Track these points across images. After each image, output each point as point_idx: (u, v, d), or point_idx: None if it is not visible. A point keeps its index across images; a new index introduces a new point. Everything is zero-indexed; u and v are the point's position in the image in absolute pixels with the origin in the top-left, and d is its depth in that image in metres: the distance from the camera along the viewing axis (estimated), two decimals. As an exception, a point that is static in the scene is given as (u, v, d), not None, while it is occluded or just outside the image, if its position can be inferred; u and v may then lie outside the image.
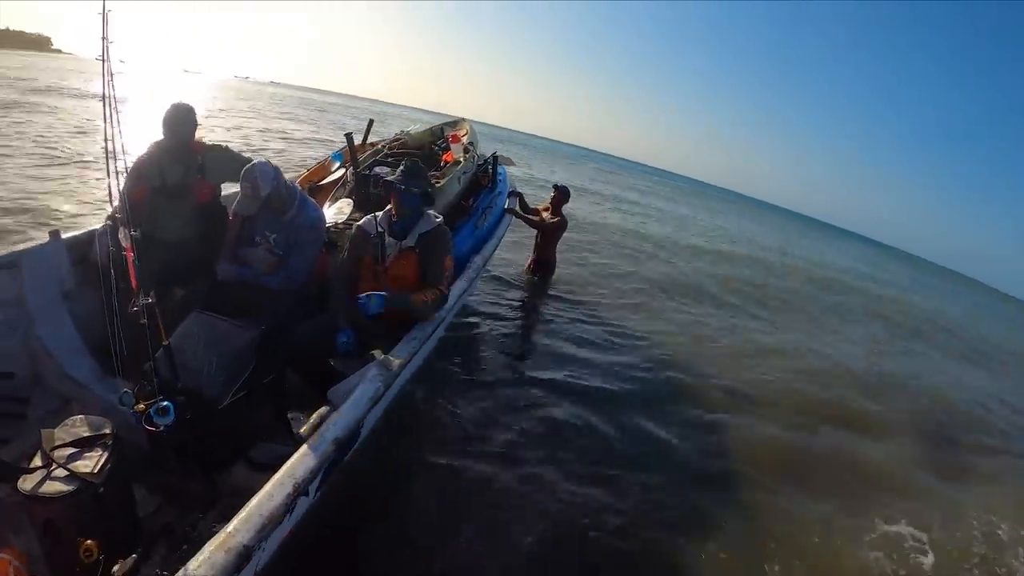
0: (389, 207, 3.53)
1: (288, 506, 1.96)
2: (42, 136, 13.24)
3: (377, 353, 2.96)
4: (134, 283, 2.50)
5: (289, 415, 3.40)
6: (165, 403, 2.42)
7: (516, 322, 7.48)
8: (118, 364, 2.69)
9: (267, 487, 1.96)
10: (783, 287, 15.13)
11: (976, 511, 5.61)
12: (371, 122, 6.45)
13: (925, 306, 22.16)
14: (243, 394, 2.89)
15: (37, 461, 2.34)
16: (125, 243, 2.45)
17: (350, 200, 4.77)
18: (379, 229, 3.45)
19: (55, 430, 2.49)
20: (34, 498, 2.18)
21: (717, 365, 7.47)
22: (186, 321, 3.06)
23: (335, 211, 4.62)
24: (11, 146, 11.53)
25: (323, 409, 3.47)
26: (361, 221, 3.57)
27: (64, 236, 3.59)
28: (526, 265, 9.29)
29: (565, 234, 8.90)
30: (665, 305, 9.96)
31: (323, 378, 3.32)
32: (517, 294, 8.43)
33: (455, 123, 7.28)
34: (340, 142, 5.77)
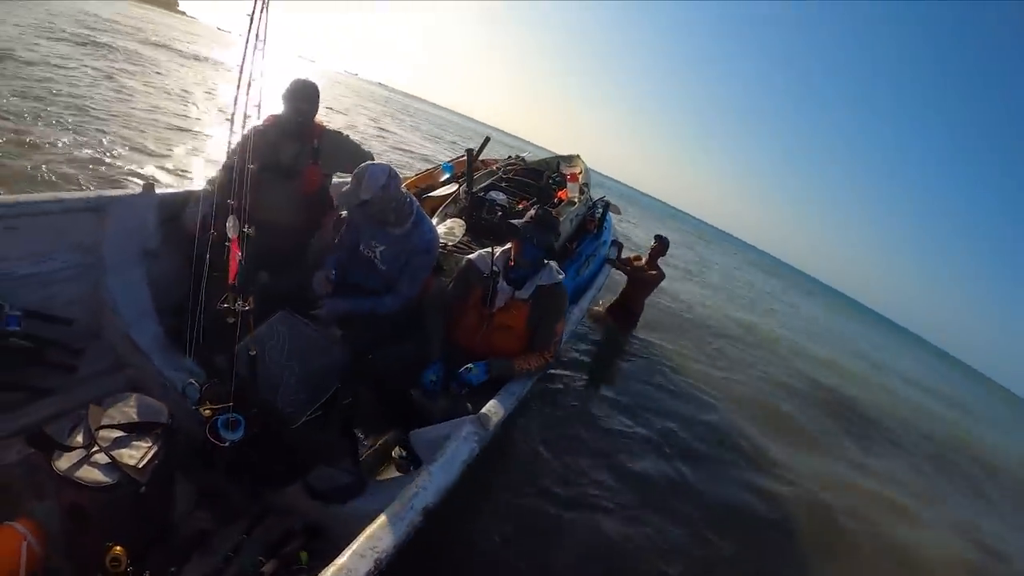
0: (508, 247, 3.22)
1: None
2: (167, 92, 13.50)
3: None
4: (232, 276, 2.21)
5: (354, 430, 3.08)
6: (237, 417, 2.15)
7: (595, 372, 7.07)
8: (191, 344, 2.45)
9: (343, 559, 1.60)
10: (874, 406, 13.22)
11: None
12: (487, 139, 6.13)
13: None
14: (318, 415, 2.55)
15: (79, 438, 2.10)
16: (232, 233, 2.16)
17: (463, 222, 4.46)
18: (494, 269, 3.15)
19: (105, 407, 2.24)
20: (67, 480, 1.93)
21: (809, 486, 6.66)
22: (272, 320, 2.74)
23: (445, 230, 4.31)
24: (131, 99, 11.77)
25: (392, 435, 3.28)
26: (474, 256, 3.27)
27: (158, 191, 3.35)
28: (603, 307, 8.73)
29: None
30: (751, 396, 9.06)
31: (398, 402, 3.08)
32: (596, 339, 8.03)
33: (570, 159, 6.95)
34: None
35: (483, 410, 2.60)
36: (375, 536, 1.71)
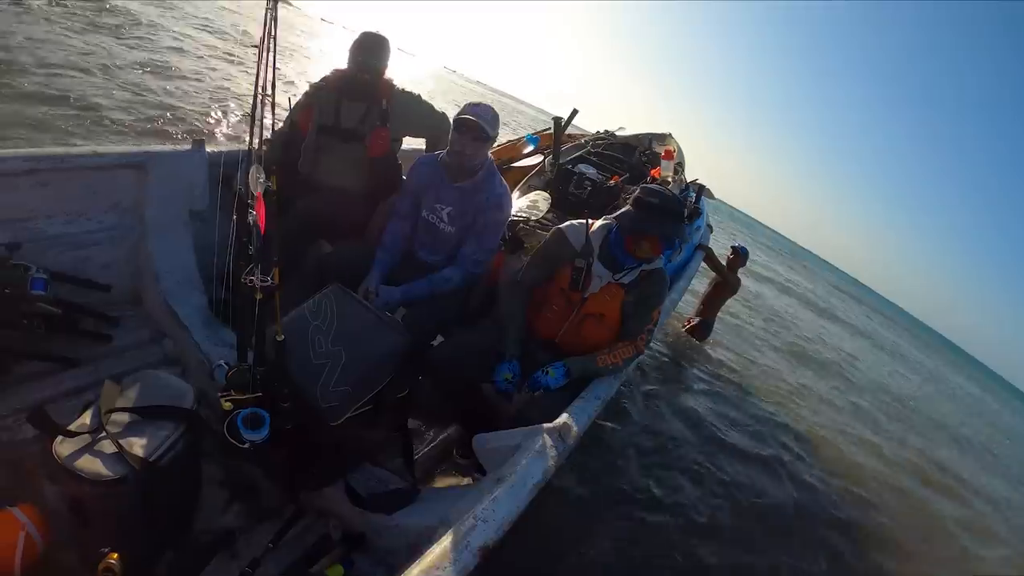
0: (609, 222, 2.71)
1: None
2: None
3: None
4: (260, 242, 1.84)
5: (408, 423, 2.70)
6: (261, 413, 1.80)
7: (679, 388, 6.60)
8: (232, 316, 2.36)
9: None
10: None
11: None
12: (575, 111, 5.66)
13: None
14: (366, 410, 2.18)
15: (86, 419, 1.82)
16: (256, 188, 1.75)
17: (547, 195, 4.02)
18: (590, 246, 2.66)
19: (122, 385, 1.96)
20: (65, 470, 1.67)
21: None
22: (320, 296, 2.37)
23: (528, 203, 3.89)
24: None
25: (454, 431, 3.04)
26: (566, 227, 2.77)
27: (209, 150, 3.10)
28: (686, 324, 8.33)
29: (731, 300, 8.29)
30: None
31: (464, 397, 2.74)
32: (674, 353, 7.58)
33: (662, 136, 6.45)
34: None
35: (562, 418, 2.17)
36: None
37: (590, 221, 2.71)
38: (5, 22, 8.85)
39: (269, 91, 1.93)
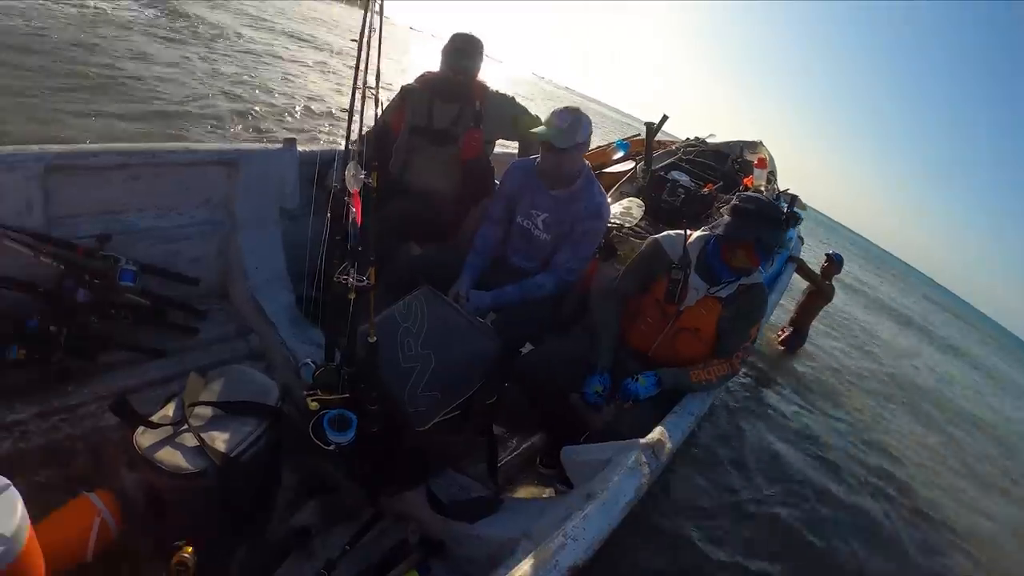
0: (707, 234, 2.59)
1: None
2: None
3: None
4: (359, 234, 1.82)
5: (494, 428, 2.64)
6: (348, 415, 1.75)
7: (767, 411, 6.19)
8: (322, 315, 2.31)
9: None
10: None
11: None
12: (665, 117, 5.54)
13: None
14: (453, 415, 2.09)
15: (168, 411, 1.82)
16: (353, 186, 1.73)
17: (640, 202, 3.93)
18: (688, 257, 2.53)
19: (207, 380, 1.96)
20: (144, 460, 1.66)
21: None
22: (410, 297, 2.34)
23: (621, 210, 3.79)
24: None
25: (539, 439, 3.01)
26: (662, 237, 2.65)
27: (300, 148, 3.12)
28: (779, 335, 8.09)
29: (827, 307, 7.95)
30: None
31: (550, 403, 2.62)
32: (761, 369, 7.16)
33: (753, 144, 6.26)
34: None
35: (655, 433, 2.04)
36: None
37: (688, 232, 2.58)
38: (111, 35, 9.32)
39: (372, 86, 1.88)
